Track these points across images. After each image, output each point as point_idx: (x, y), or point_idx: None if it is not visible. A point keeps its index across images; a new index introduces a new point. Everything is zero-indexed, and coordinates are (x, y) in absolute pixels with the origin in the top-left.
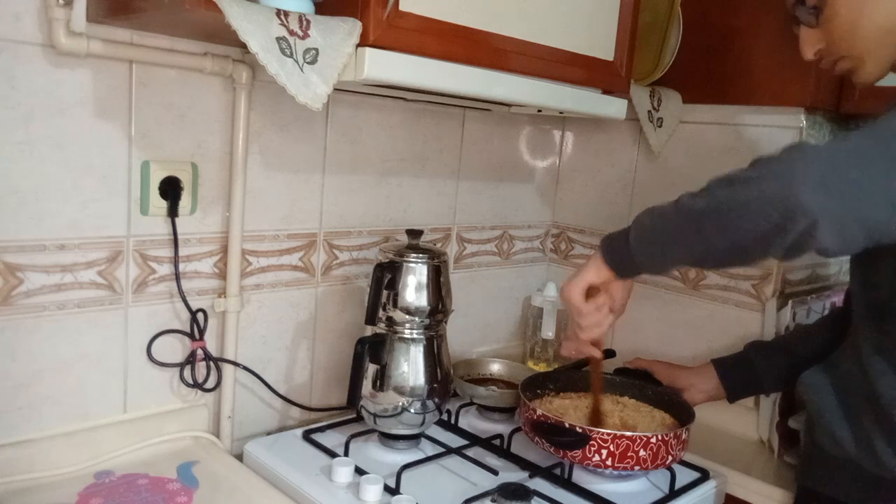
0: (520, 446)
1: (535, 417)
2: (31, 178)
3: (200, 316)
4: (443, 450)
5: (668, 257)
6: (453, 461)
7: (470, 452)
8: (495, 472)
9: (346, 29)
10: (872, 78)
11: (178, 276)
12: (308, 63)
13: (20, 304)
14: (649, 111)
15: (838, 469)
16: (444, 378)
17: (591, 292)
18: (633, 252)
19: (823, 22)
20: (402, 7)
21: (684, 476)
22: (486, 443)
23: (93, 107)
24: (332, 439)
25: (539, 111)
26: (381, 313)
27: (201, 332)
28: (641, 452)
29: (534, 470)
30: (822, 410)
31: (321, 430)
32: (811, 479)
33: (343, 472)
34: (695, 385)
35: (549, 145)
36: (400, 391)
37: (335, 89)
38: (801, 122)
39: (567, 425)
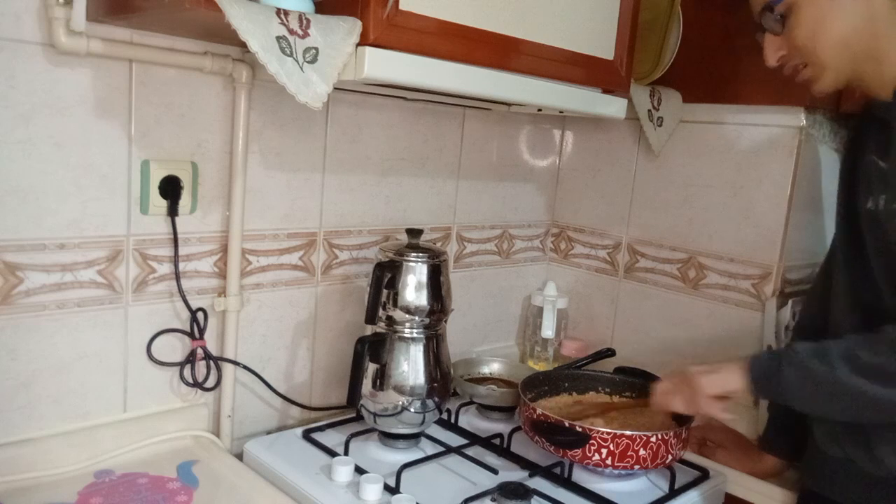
0: (520, 445)
1: (535, 416)
2: (31, 178)
3: (200, 315)
4: (443, 449)
5: (824, 412)
6: (453, 460)
7: (470, 452)
8: (495, 472)
9: (346, 28)
10: (829, 87)
11: (177, 276)
12: (308, 62)
13: (20, 304)
14: (649, 110)
15: (839, 471)
16: (443, 377)
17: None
18: (787, 397)
19: (787, 30)
20: (403, 6)
21: (684, 475)
22: (486, 442)
23: (93, 106)
24: (332, 438)
25: (539, 110)
26: (381, 312)
27: (201, 332)
28: (641, 452)
29: (534, 469)
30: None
31: (321, 429)
32: (813, 482)
33: (343, 471)
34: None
35: (549, 145)
36: (400, 390)
37: (335, 88)
38: (801, 122)
39: (567, 424)
